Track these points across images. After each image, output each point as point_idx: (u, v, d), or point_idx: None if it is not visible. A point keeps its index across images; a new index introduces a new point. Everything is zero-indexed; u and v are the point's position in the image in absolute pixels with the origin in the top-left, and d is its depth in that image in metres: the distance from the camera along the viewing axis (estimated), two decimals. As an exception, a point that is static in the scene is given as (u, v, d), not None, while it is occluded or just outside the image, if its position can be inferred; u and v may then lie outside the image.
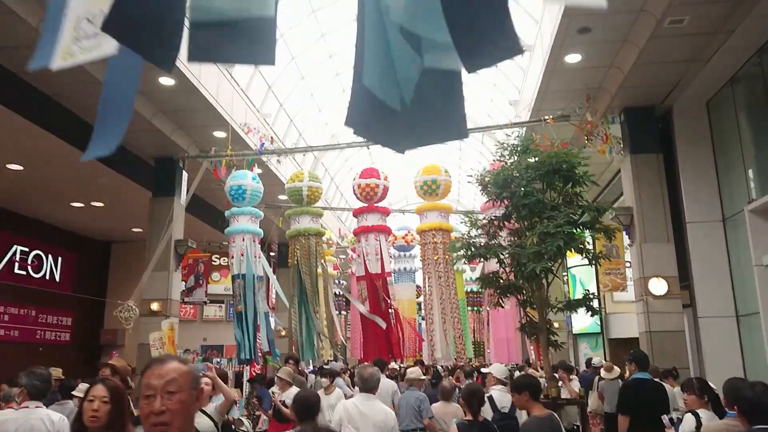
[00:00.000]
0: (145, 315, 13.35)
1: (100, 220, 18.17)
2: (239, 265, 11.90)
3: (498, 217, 6.77)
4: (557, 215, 5.93)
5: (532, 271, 5.77)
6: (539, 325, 6.36)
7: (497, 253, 6.40)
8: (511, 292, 6.57)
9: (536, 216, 6.19)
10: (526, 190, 6.18)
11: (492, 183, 6.52)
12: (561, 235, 5.74)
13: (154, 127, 12.34)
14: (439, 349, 11.33)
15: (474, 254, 6.51)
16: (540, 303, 6.39)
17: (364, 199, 12.05)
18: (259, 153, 11.99)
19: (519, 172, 6.40)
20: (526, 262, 5.81)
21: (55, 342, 18.86)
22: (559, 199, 6.30)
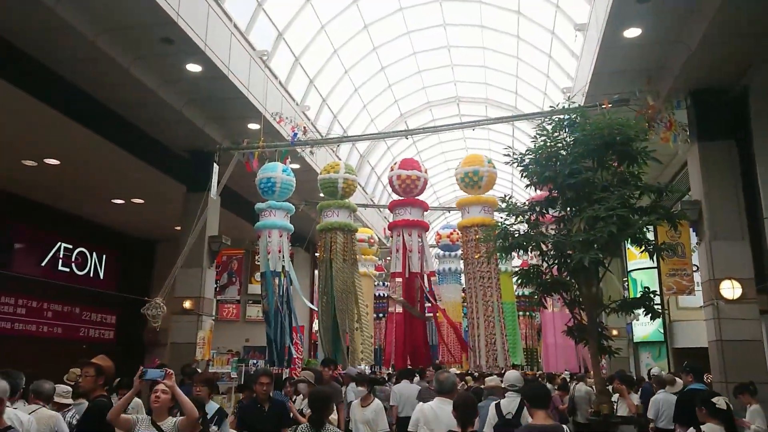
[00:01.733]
0: (177, 313, 12.95)
1: (143, 219, 18.03)
2: (267, 262, 11.28)
3: (540, 203, 5.83)
4: (609, 197, 4.97)
5: (579, 263, 4.82)
6: (588, 328, 5.40)
7: (539, 243, 5.46)
8: (556, 290, 5.63)
9: (584, 199, 5.25)
10: (573, 168, 5.24)
11: (533, 161, 5.58)
12: (614, 219, 4.78)
13: (185, 118, 11.92)
14: (483, 356, 10.40)
15: (512, 245, 5.59)
16: (589, 302, 5.42)
17: (403, 192, 11.25)
18: (291, 144, 11.36)
19: (565, 149, 5.44)
20: (572, 252, 4.88)
21: (99, 340, 18.83)
22: (613, 180, 5.33)
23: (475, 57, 20.48)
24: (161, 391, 3.90)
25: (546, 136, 5.57)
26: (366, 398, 6.37)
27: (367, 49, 18.81)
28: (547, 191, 5.96)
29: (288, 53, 15.68)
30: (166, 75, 10.68)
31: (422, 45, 19.86)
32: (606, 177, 5.33)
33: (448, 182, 28.74)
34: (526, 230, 5.74)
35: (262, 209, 11.65)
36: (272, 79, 13.11)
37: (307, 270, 21.39)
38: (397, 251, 10.88)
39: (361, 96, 20.54)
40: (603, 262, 5.25)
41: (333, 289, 11.27)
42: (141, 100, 11.25)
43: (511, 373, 5.67)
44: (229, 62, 10.88)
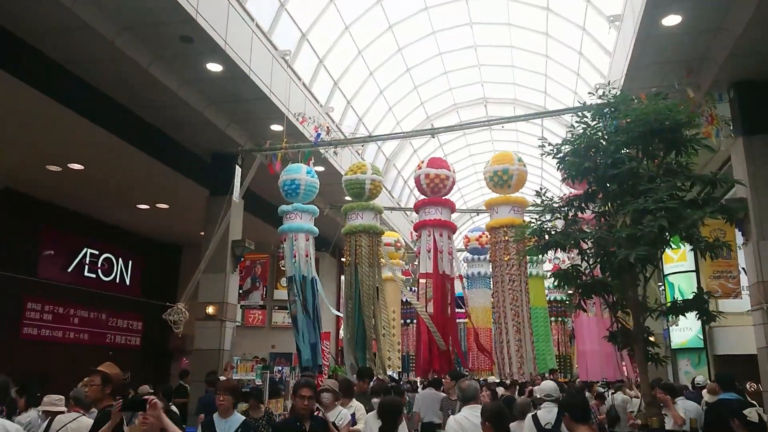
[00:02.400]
0: (201, 319, 12.73)
1: (168, 224, 17.96)
2: (292, 266, 10.97)
3: (578, 197, 5.36)
4: (657, 188, 4.50)
5: (624, 261, 4.36)
6: (634, 334, 4.92)
7: (578, 241, 5.00)
8: (597, 292, 5.16)
9: (628, 192, 4.79)
10: (616, 158, 4.77)
11: (571, 152, 5.12)
12: (664, 212, 4.31)
13: (207, 119, 11.72)
14: (514, 362, 9.92)
15: (548, 243, 5.14)
16: (634, 305, 4.95)
17: (430, 192, 10.83)
18: (314, 144, 11.05)
19: (606, 138, 4.97)
20: (616, 249, 4.43)
21: (126, 346, 18.78)
22: (659, 171, 4.85)
23: (503, 56, 20.02)
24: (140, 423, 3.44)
25: (585, 124, 5.11)
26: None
27: (392, 50, 18.51)
28: (584, 186, 5.50)
29: (312, 55, 15.46)
30: (187, 75, 10.48)
31: (448, 45, 19.49)
32: (651, 168, 4.87)
33: (476, 185, 28.27)
34: (563, 227, 5.28)
35: (287, 212, 11.34)
36: (295, 80, 12.85)
37: (333, 275, 21.09)
38: (428, 251, 10.46)
39: (386, 98, 20.24)
40: (651, 260, 4.78)
41: (359, 294, 10.90)
42: (162, 102, 11.07)
43: (546, 383, 5.50)
44: (250, 62, 10.64)
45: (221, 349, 12.41)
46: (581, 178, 5.16)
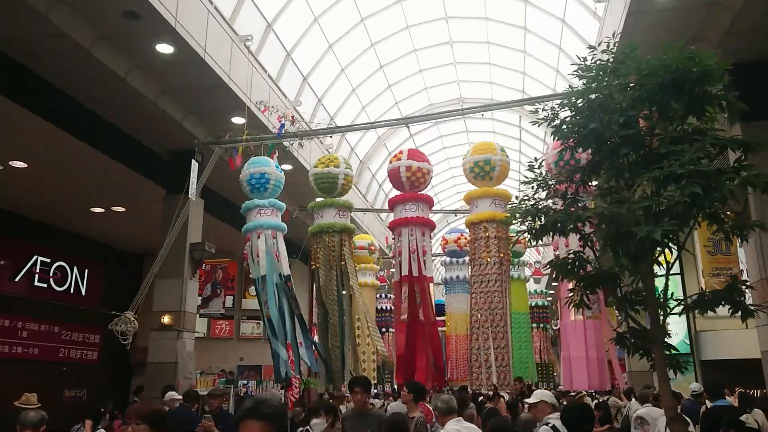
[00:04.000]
0: (156, 329, 11.65)
1: (127, 229, 16.80)
2: (260, 267, 9.91)
3: (580, 168, 4.47)
4: (684, 150, 3.65)
5: (645, 242, 3.50)
6: (651, 334, 4.06)
7: (583, 221, 4.12)
8: (603, 285, 4.29)
9: (644, 160, 3.92)
10: (629, 117, 3.91)
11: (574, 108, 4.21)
12: (695, 177, 3.46)
13: (161, 111, 10.73)
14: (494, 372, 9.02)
15: (546, 226, 4.25)
16: (652, 298, 4.10)
17: (410, 187, 9.92)
18: (278, 136, 10.09)
19: (615, 93, 4.09)
20: (633, 228, 3.56)
21: (81, 361, 17.48)
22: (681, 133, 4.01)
23: (480, 53, 19.33)
24: None
25: (589, 78, 4.24)
26: None
27: (364, 45, 17.67)
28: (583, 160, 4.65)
29: (278, 47, 14.55)
30: (135, 58, 9.49)
31: (423, 41, 18.72)
32: (670, 130, 4.03)
33: (451, 183, 27.49)
34: (562, 206, 4.41)
35: (254, 208, 10.18)
36: (258, 69, 11.92)
37: (304, 282, 20.05)
38: (413, 252, 9.52)
39: (359, 97, 19.37)
40: (678, 240, 3.94)
41: (329, 300, 9.92)
42: (110, 91, 10.06)
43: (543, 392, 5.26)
44: (206, 45, 9.69)
45: (178, 362, 11.33)
46: (584, 146, 4.31)
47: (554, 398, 5.35)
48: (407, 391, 5.58)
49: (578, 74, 4.38)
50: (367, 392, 5.25)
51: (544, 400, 5.03)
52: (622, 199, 3.86)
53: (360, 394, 5.18)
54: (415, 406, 5.51)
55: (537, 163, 4.62)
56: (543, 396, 5.15)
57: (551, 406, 4.95)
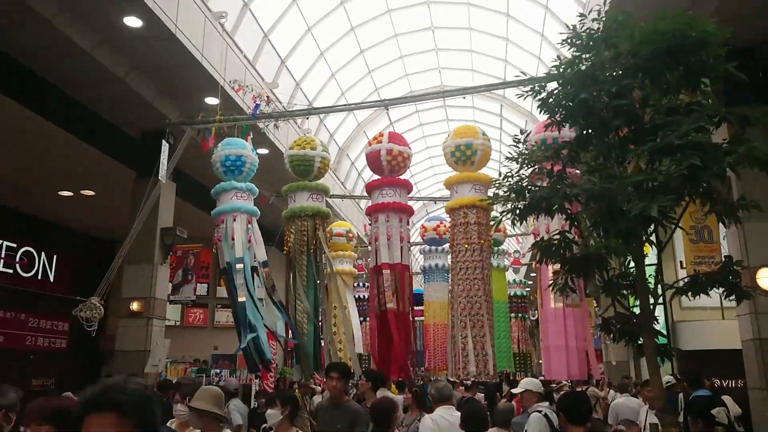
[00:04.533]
0: (125, 316, 11.25)
1: (98, 214, 16.24)
2: (235, 251, 9.54)
3: (568, 143, 4.19)
4: (680, 122, 3.41)
5: (639, 219, 3.25)
6: (641, 320, 3.83)
7: (571, 199, 3.86)
8: (591, 268, 4.03)
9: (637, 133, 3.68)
10: (621, 86, 3.65)
11: (563, 79, 3.95)
12: (692, 149, 3.23)
13: (130, 89, 10.28)
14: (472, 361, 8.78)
15: (531, 205, 3.97)
16: (642, 282, 3.87)
17: (389, 171, 9.60)
18: (252, 116, 9.72)
19: (606, 64, 3.81)
20: (625, 205, 3.31)
21: (49, 349, 16.94)
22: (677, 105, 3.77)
23: (462, 40, 19.07)
24: None
25: (579, 46, 3.96)
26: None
27: (344, 29, 17.28)
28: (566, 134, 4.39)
29: (256, 28, 14.12)
30: (101, 32, 9.03)
31: (404, 26, 18.39)
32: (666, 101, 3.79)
33: (431, 172, 27.27)
34: (549, 184, 4.15)
35: (230, 189, 9.76)
36: (233, 48, 11.50)
37: (281, 271, 19.67)
38: (389, 239, 9.21)
39: (338, 82, 18.99)
40: (673, 218, 3.70)
41: (300, 286, 9.61)
42: (77, 67, 9.58)
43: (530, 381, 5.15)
44: (177, 20, 9.27)
45: (147, 350, 10.96)
46: (572, 120, 4.04)
47: (541, 387, 5.23)
48: (365, 380, 5.31)
49: (568, 42, 4.11)
50: (344, 380, 4.66)
51: (530, 389, 5.02)
52: (613, 174, 3.62)
53: (336, 381, 4.61)
54: (373, 394, 5.26)
55: (522, 137, 4.36)
56: (528, 385, 5.09)
57: (537, 394, 4.93)
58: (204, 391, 3.62)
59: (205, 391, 3.64)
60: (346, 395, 4.75)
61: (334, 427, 4.47)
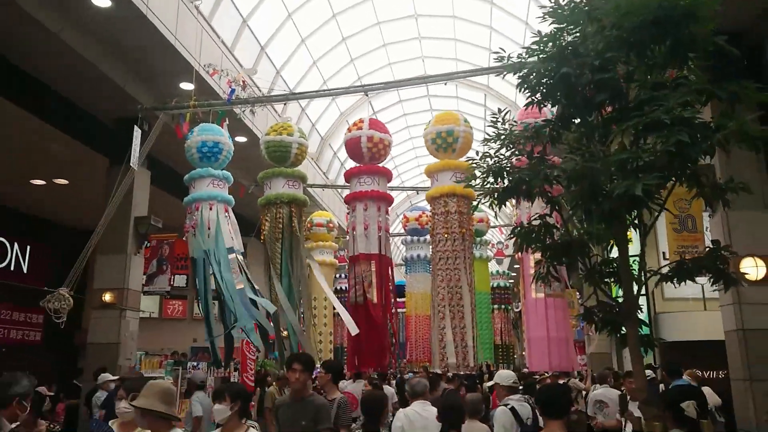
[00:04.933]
0: (97, 308, 10.93)
1: (73, 203, 15.83)
2: (206, 240, 9.25)
3: (549, 121, 3.96)
4: (667, 96, 3.21)
5: (623, 199, 3.03)
6: (625, 308, 3.63)
7: (551, 181, 3.65)
8: (572, 254, 3.83)
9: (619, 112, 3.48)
10: (605, 59, 3.43)
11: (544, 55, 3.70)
12: (680, 125, 3.03)
13: (102, 73, 9.91)
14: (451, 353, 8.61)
15: (511, 187, 3.76)
16: (625, 268, 3.68)
17: (370, 159, 9.35)
18: (228, 102, 9.41)
19: (588, 38, 3.59)
20: (608, 185, 3.11)
21: (23, 342, 16.58)
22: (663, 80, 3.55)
23: (445, 28, 18.81)
24: None
25: (561, 19, 3.73)
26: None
27: (326, 16, 16.95)
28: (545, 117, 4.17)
29: (234, 13, 13.76)
30: (69, 11, 8.66)
31: (387, 14, 18.08)
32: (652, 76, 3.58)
33: (414, 163, 27.02)
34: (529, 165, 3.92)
35: (207, 176, 9.43)
36: (209, 32, 11.15)
37: (260, 262, 19.39)
38: (366, 228, 8.97)
39: (320, 70, 18.66)
40: (659, 197, 3.49)
41: (274, 274, 9.36)
42: (44, 50, 9.20)
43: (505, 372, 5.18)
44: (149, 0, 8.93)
45: (120, 342, 10.66)
46: (553, 98, 3.82)
47: (512, 379, 5.09)
48: (324, 372, 4.95)
49: (550, 13, 3.87)
50: (307, 372, 4.18)
51: (497, 383, 5.11)
52: (596, 154, 3.41)
53: (299, 373, 4.12)
54: (333, 387, 4.94)
55: (501, 114, 4.13)
56: (497, 378, 5.14)
57: (507, 388, 4.93)
58: (150, 387, 3.27)
59: (151, 387, 3.28)
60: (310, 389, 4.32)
61: (296, 423, 4.05)
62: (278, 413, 4.28)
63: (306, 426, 4.01)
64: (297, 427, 4.03)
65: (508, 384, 5.01)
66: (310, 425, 4.02)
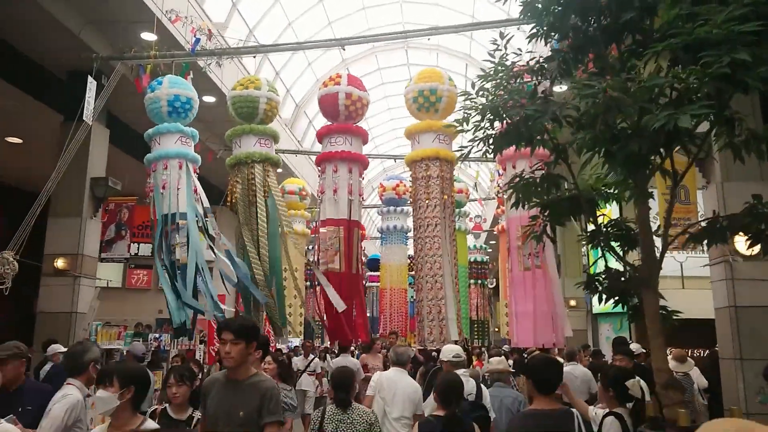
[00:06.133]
0: (49, 275, 10.17)
1: (27, 164, 14.83)
2: (171, 202, 8.56)
3: (559, 51, 3.33)
4: (713, 9, 2.60)
5: (656, 136, 2.43)
6: (642, 272, 3.07)
7: (560, 121, 3.04)
8: (576, 212, 3.25)
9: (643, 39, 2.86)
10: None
11: None
12: (735, 42, 2.43)
13: (52, 17, 9.02)
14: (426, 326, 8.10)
15: (511, 130, 3.11)
16: (644, 225, 3.10)
17: (346, 118, 8.68)
18: (191, 52, 8.63)
19: None
20: (642, 117, 2.53)
21: (-25, 311, 15.64)
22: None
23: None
24: None
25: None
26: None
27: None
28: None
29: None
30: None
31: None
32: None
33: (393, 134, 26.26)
34: (533, 104, 3.30)
35: (176, 131, 8.64)
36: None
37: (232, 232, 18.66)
38: (335, 192, 8.34)
39: (296, 32, 17.76)
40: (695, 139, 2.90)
41: (247, 241, 8.71)
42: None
43: (450, 346, 5.24)
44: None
45: (74, 312, 9.93)
46: (564, 25, 3.18)
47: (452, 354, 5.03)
48: None
49: None
50: (244, 343, 3.11)
51: (441, 358, 5.26)
52: (622, 82, 2.78)
53: (230, 345, 3.07)
54: (260, 366, 4.31)
55: (503, 41, 3.49)
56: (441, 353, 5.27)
57: (450, 363, 4.95)
58: None
59: None
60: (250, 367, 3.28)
61: (232, 414, 3.05)
62: (207, 398, 3.19)
63: (245, 418, 3.03)
64: (233, 419, 3.05)
65: (448, 359, 4.98)
66: (252, 417, 3.03)
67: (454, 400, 3.53)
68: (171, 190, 8.70)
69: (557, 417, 2.84)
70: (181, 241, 8.94)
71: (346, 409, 3.96)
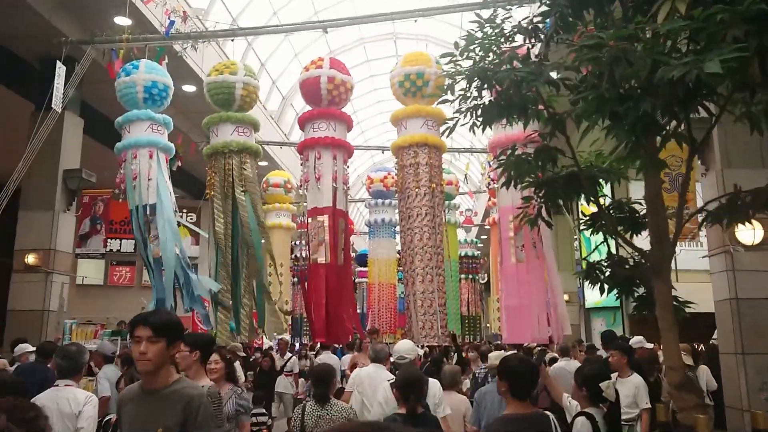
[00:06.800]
0: (20, 271, 9.71)
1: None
2: (142, 194, 8.15)
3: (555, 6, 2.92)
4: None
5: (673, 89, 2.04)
6: (655, 257, 2.71)
7: (556, 84, 2.67)
8: (576, 192, 2.88)
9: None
10: None
11: None
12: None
13: (24, 2, 8.54)
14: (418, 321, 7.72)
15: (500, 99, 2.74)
16: (653, 202, 2.73)
17: (328, 102, 8.28)
18: (165, 35, 8.19)
19: None
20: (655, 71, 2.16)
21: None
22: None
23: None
24: None
25: None
26: None
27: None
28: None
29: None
30: None
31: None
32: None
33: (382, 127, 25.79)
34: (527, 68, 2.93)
35: (146, 119, 8.22)
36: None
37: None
38: (318, 180, 7.94)
39: (281, 21, 17.25)
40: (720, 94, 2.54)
41: (226, 234, 8.30)
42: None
43: (403, 343, 5.00)
44: None
45: (46, 309, 9.49)
46: None
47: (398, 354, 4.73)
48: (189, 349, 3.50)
49: None
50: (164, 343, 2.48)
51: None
52: (632, 31, 2.39)
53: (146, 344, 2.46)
54: (201, 370, 3.64)
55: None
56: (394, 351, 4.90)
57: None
58: None
59: None
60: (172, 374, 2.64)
61: (144, 428, 2.51)
62: (121, 414, 2.64)
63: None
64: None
65: (394, 359, 4.86)
66: (173, 428, 2.49)
67: (412, 397, 3.45)
68: (141, 180, 8.29)
69: (534, 420, 2.86)
70: (154, 234, 8.56)
71: (324, 405, 3.93)
